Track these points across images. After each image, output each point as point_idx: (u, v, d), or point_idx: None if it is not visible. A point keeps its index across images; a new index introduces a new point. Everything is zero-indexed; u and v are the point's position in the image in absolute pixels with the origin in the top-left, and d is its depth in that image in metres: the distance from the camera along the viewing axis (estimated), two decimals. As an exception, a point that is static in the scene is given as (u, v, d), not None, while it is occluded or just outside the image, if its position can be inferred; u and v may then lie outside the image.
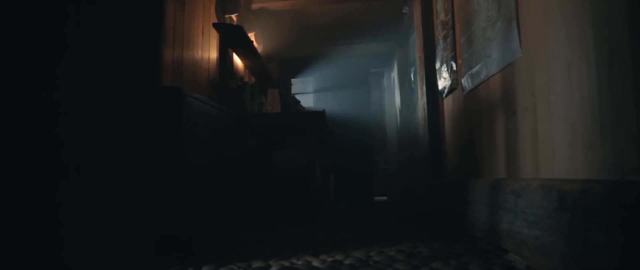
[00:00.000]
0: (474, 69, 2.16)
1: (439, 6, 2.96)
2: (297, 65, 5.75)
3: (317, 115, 2.85)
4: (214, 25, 2.96)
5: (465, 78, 2.34)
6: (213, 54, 3.11)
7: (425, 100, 3.24)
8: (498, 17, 1.82)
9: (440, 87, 2.97)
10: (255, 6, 3.98)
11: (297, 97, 6.33)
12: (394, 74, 5.74)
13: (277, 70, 3.99)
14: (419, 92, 3.56)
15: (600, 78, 1.08)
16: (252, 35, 3.67)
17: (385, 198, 6.41)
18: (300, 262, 1.53)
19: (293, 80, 7.13)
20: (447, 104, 2.86)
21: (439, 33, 2.98)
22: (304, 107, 5.03)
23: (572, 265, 1.04)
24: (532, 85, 1.51)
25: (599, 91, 1.09)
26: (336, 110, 6.89)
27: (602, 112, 1.08)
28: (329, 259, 1.57)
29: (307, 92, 7.30)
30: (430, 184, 3.11)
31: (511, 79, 1.70)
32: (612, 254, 0.90)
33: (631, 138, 0.97)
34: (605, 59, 1.06)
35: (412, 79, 4.44)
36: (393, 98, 5.98)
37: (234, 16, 3.41)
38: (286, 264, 1.51)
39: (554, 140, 1.35)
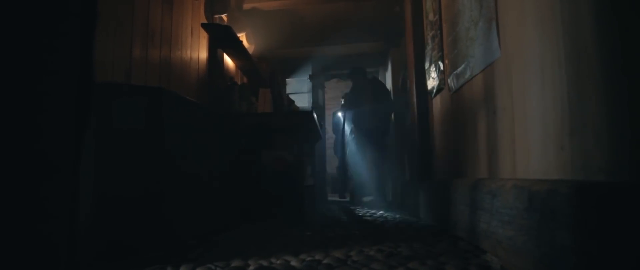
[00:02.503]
0: (459, 69, 2.16)
1: (428, 6, 2.96)
2: (291, 65, 5.76)
3: (306, 115, 2.85)
4: (203, 25, 2.97)
5: (451, 78, 2.34)
6: (203, 54, 3.11)
7: (415, 100, 3.24)
8: (480, 17, 1.82)
9: (429, 87, 2.98)
10: (247, 6, 3.98)
11: (293, 96, 6.32)
12: (389, 74, 5.75)
13: (269, 70, 3.99)
14: (410, 92, 3.57)
15: (570, 79, 1.08)
16: (242, 36, 3.67)
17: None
18: (279, 262, 1.53)
19: (288, 80, 7.12)
20: (436, 104, 2.86)
21: (428, 33, 2.98)
22: (298, 107, 5.02)
23: (540, 266, 1.04)
24: (510, 85, 1.51)
25: (568, 92, 1.09)
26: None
27: (572, 112, 1.08)
28: (308, 259, 1.57)
29: (302, 91, 7.29)
30: (420, 183, 3.12)
31: (492, 79, 1.70)
32: (576, 254, 0.90)
33: (596, 138, 0.97)
34: (574, 60, 1.06)
35: (405, 78, 4.44)
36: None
37: (224, 16, 3.41)
38: (265, 263, 1.51)
39: (530, 140, 1.35)
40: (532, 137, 1.33)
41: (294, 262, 1.52)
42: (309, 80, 6.38)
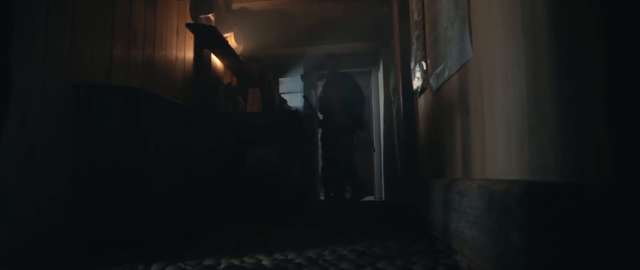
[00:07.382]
0: (438, 69, 2.16)
1: (413, 6, 2.97)
2: (283, 65, 5.76)
3: (291, 115, 2.85)
4: (187, 25, 2.97)
5: (432, 78, 2.34)
6: (188, 54, 3.11)
7: (401, 99, 3.25)
8: (455, 17, 1.83)
9: (414, 86, 2.98)
10: (235, 6, 3.98)
11: (287, 96, 6.29)
12: (380, 74, 5.75)
13: (258, 70, 3.99)
14: (397, 91, 3.57)
15: (528, 79, 1.09)
16: (230, 35, 3.67)
17: (372, 197, 6.41)
18: (251, 261, 1.54)
19: (283, 80, 7.12)
20: (420, 103, 2.87)
21: (413, 33, 2.98)
22: (291, 107, 5.02)
23: (497, 266, 1.05)
24: (480, 85, 1.51)
25: (528, 92, 1.10)
26: None
27: (530, 113, 1.09)
28: (281, 258, 1.58)
29: (296, 91, 7.29)
30: (406, 183, 3.13)
31: (465, 79, 1.71)
32: (526, 255, 0.91)
33: (550, 139, 0.98)
34: (531, 60, 1.07)
35: (394, 78, 4.45)
36: (379, 97, 5.99)
37: (211, 16, 3.41)
38: (236, 262, 1.52)
39: (497, 140, 1.35)
40: (498, 137, 1.34)
41: (265, 262, 1.53)
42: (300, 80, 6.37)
